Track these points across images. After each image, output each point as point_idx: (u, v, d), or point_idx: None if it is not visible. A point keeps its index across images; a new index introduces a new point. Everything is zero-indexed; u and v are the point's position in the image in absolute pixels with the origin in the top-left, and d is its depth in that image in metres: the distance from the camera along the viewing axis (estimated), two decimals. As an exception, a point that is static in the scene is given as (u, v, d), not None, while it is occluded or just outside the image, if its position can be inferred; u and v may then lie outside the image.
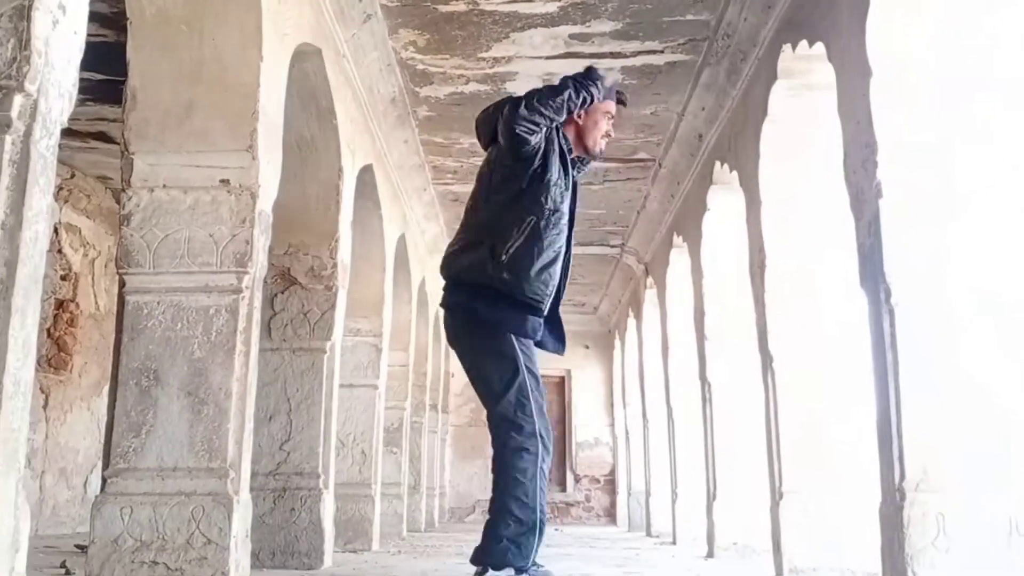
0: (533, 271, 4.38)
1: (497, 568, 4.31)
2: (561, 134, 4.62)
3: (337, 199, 6.65)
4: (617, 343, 16.75)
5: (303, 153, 6.57)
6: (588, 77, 4.50)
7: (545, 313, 4.48)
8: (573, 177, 4.61)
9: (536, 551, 4.33)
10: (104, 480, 4.35)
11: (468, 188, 9.98)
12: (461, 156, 9.58)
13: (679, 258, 9.95)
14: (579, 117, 4.71)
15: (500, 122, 4.42)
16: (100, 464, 4.56)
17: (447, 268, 4.59)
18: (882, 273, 4.24)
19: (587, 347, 18.14)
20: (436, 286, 13.19)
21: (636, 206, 11.10)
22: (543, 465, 4.38)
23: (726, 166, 7.66)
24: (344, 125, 6.72)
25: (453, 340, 4.62)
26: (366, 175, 7.88)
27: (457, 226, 4.73)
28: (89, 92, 7.86)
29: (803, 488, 6.00)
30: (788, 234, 6.37)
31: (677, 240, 9.94)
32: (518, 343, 4.43)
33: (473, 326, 4.49)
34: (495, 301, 4.39)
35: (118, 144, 4.75)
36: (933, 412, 4.03)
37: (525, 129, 4.30)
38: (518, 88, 7.83)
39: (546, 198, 4.41)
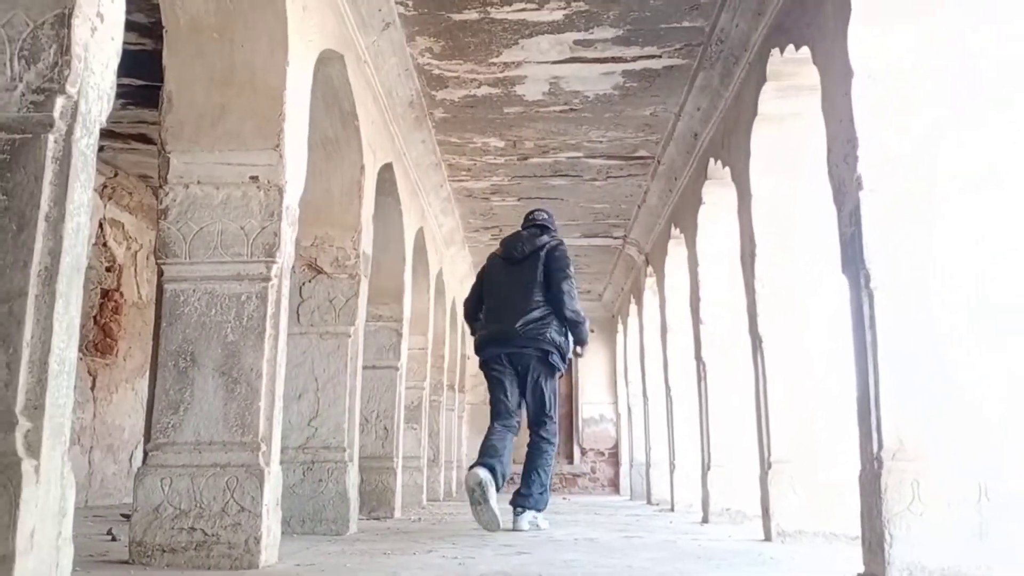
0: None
1: (535, 509, 6.78)
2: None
3: (359, 194, 6.65)
4: (620, 327, 16.74)
5: (327, 152, 6.57)
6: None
7: None
8: None
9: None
10: (146, 453, 4.36)
11: (480, 184, 10.23)
12: (474, 155, 9.57)
13: (677, 248, 9.94)
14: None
15: (569, 299, 6.91)
16: (143, 439, 4.57)
17: (524, 327, 6.85)
18: (862, 260, 4.22)
19: (592, 331, 18.04)
20: (451, 276, 13.24)
21: (637, 200, 11.09)
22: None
23: (719, 162, 7.64)
24: (365, 126, 6.71)
25: (523, 370, 6.95)
26: (386, 172, 7.88)
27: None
28: (130, 97, 7.89)
29: (790, 458, 6.00)
30: (777, 225, 6.36)
31: (675, 232, 9.92)
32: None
33: (544, 365, 6.94)
34: (558, 355, 6.94)
35: (156, 144, 4.74)
36: (908, 387, 4.02)
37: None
38: (527, 91, 7.84)
39: None
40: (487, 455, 6.59)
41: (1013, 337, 4.06)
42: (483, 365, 7.20)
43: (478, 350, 7.18)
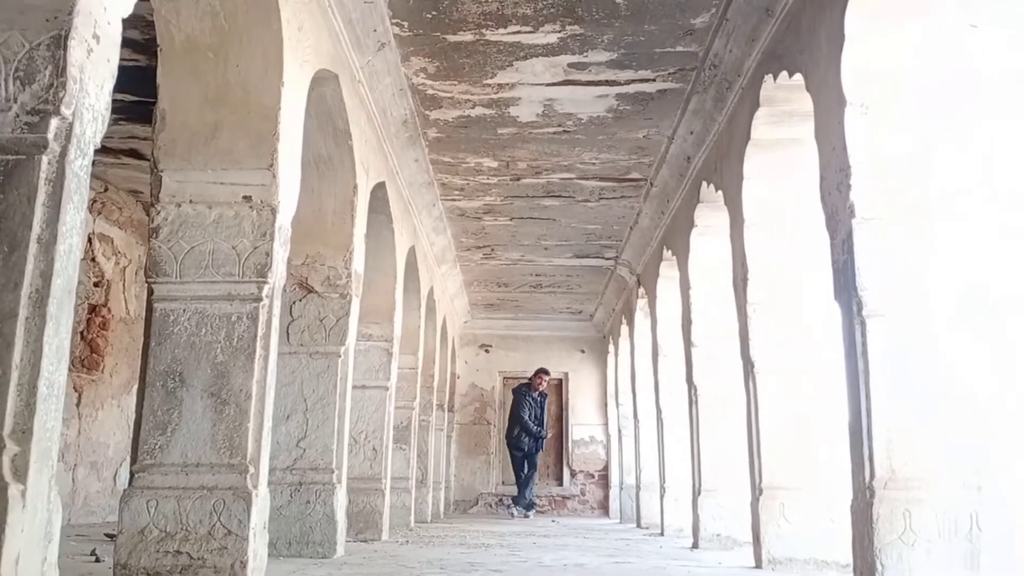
0: None
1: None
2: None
3: (352, 213, 6.65)
4: (611, 348, 16.72)
5: (320, 170, 6.57)
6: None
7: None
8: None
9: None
10: (132, 474, 4.35)
11: (473, 204, 10.32)
12: (467, 174, 9.59)
13: (669, 270, 9.96)
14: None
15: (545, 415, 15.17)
16: (129, 458, 4.55)
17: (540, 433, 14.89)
18: (855, 287, 4.24)
19: (583, 351, 18.14)
20: (442, 294, 13.24)
21: (629, 222, 11.11)
22: None
23: (712, 186, 7.66)
24: (359, 145, 6.72)
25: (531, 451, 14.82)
26: (379, 191, 7.89)
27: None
28: (122, 112, 7.87)
29: (781, 484, 6.01)
30: (769, 249, 6.38)
31: (667, 254, 9.94)
32: None
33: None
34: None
35: (148, 161, 4.75)
36: (901, 416, 4.04)
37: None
38: (521, 112, 7.86)
39: None
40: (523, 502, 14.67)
41: (1008, 362, 4.09)
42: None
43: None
